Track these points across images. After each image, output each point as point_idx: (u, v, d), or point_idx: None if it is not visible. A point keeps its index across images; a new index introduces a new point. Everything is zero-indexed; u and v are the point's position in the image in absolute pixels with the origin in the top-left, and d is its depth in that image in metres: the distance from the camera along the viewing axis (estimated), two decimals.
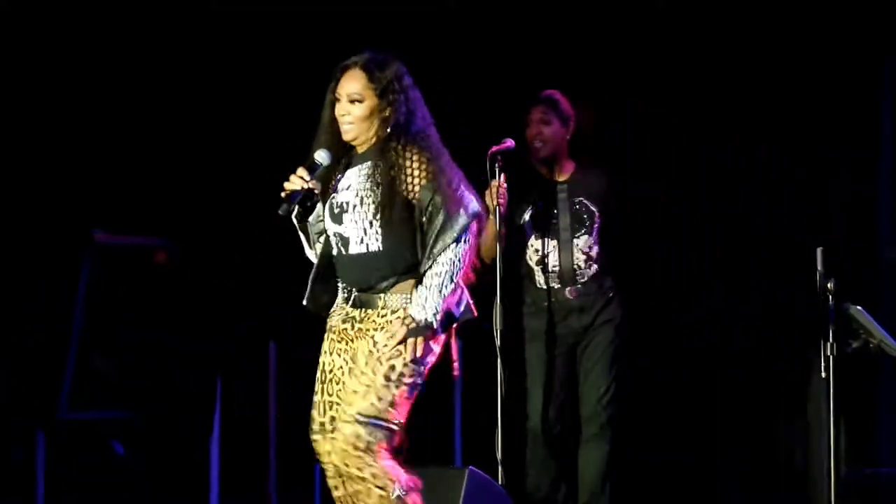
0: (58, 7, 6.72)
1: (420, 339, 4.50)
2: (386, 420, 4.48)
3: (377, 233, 4.56)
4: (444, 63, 6.56)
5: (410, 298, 4.53)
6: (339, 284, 4.69)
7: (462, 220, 4.52)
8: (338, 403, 4.58)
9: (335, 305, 4.70)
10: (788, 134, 6.81)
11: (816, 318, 5.22)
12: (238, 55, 6.97)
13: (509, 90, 6.71)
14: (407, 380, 4.51)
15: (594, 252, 5.86)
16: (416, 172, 4.54)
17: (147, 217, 6.61)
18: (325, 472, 4.61)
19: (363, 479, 4.46)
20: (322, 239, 4.72)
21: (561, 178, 5.93)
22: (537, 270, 5.88)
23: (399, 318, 4.52)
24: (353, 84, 4.60)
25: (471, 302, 4.63)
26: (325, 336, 4.71)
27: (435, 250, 4.51)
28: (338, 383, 4.62)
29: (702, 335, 6.81)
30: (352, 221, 4.59)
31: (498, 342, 5.69)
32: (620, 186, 5.97)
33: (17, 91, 6.61)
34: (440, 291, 4.50)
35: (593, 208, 5.88)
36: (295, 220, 4.70)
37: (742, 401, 6.77)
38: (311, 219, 4.69)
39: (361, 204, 4.58)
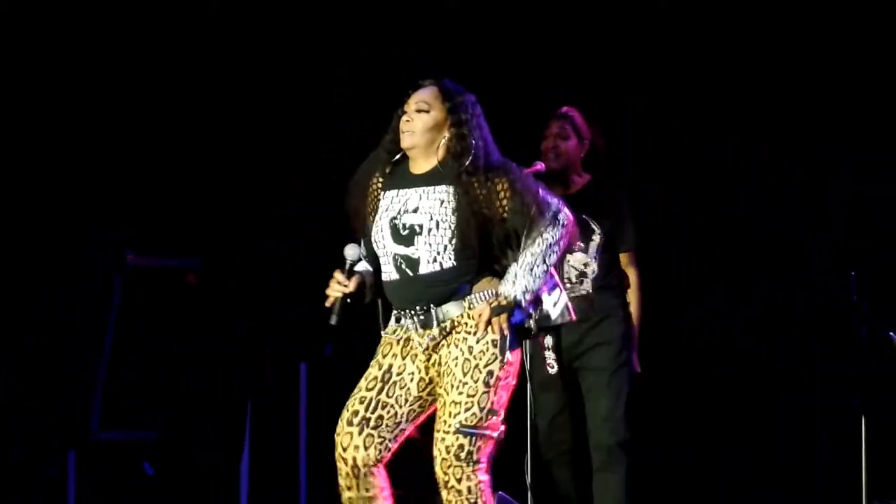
0: (62, 7, 6.72)
1: (504, 318, 4.52)
2: (487, 428, 4.50)
3: (450, 254, 4.56)
4: (444, 62, 6.55)
5: (494, 290, 4.56)
6: (401, 313, 4.65)
7: (552, 209, 4.59)
8: (393, 407, 4.59)
9: (396, 334, 4.66)
10: (788, 134, 6.80)
11: (856, 357, 5.17)
12: (237, 55, 6.96)
13: (509, 90, 6.70)
14: (503, 383, 4.54)
15: (588, 269, 5.84)
16: (502, 191, 4.56)
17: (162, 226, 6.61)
18: (339, 470, 4.59)
19: (459, 490, 4.49)
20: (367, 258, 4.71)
21: (569, 193, 5.92)
22: None
23: (483, 297, 4.54)
24: (424, 94, 4.63)
25: (570, 306, 4.67)
26: (393, 339, 4.67)
27: (530, 238, 4.55)
28: (402, 388, 4.61)
29: (702, 335, 6.79)
30: (425, 244, 4.57)
31: (527, 365, 5.67)
32: (631, 199, 5.94)
33: (18, 94, 6.61)
34: (531, 270, 4.54)
35: (594, 226, 5.86)
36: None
37: (742, 401, 6.76)
38: (358, 268, 4.68)
39: (437, 228, 4.57)
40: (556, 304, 4.63)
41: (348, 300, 4.62)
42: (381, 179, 4.69)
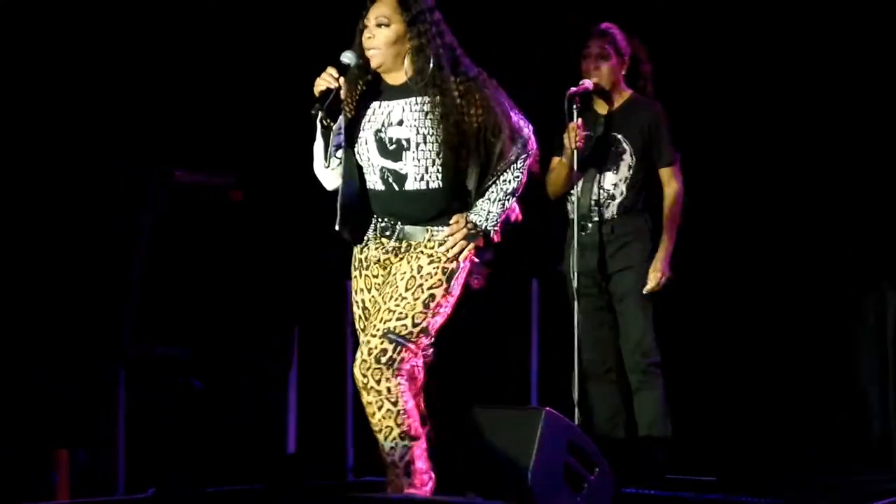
0: None
1: (471, 246, 4.59)
2: (414, 344, 4.55)
3: (438, 171, 4.58)
4: None
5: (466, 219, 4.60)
6: (377, 217, 4.68)
7: (521, 139, 4.61)
8: None
9: (367, 238, 4.72)
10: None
11: None
12: None
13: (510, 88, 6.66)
14: (442, 309, 4.58)
15: (618, 191, 5.84)
16: (475, 104, 4.55)
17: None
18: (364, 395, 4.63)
19: (378, 391, 4.51)
20: (341, 160, 4.67)
21: (606, 112, 5.92)
22: (568, 203, 5.89)
23: (457, 222, 4.58)
24: (381, 7, 4.59)
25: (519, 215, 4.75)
26: (357, 272, 4.72)
27: (499, 168, 4.57)
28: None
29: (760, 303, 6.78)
30: (413, 159, 4.58)
31: (575, 284, 5.69)
32: (668, 121, 5.91)
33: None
34: (502, 204, 4.60)
35: (625, 145, 5.86)
36: (320, 125, 4.65)
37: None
38: (334, 127, 4.64)
39: (425, 142, 4.58)
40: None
41: (336, 104, 4.59)
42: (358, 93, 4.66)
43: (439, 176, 4.57)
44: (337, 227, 4.69)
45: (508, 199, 4.61)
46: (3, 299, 5.93)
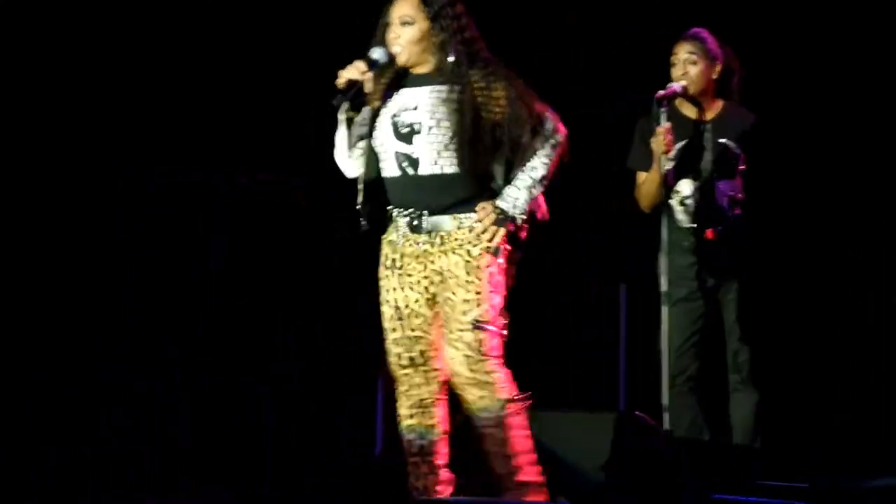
0: None
1: (503, 231, 4.59)
2: (498, 327, 4.58)
3: (453, 156, 4.59)
4: None
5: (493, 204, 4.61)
6: (397, 209, 4.68)
7: (549, 127, 4.63)
8: (422, 337, 4.65)
9: (392, 233, 4.70)
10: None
11: None
12: None
13: None
14: (501, 289, 4.61)
15: (738, 196, 5.82)
16: (500, 101, 4.59)
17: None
18: (401, 403, 4.67)
19: (488, 382, 4.53)
20: (362, 150, 4.70)
21: (706, 118, 5.88)
22: (679, 211, 5.86)
23: (483, 208, 4.58)
24: (404, 6, 4.64)
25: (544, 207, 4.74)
26: (390, 271, 4.70)
27: (526, 155, 4.60)
28: (417, 317, 4.66)
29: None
30: (425, 143, 4.60)
31: (663, 287, 5.67)
32: (766, 127, 5.89)
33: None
34: (530, 192, 4.61)
35: (737, 151, 5.83)
36: (342, 116, 4.69)
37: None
38: (357, 119, 4.68)
39: (438, 126, 4.60)
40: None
41: (360, 97, 4.62)
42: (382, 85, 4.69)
43: (454, 161, 4.59)
44: (358, 207, 4.70)
45: (536, 187, 4.62)
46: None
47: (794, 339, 6.60)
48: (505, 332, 4.61)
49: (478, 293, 4.54)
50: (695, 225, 5.78)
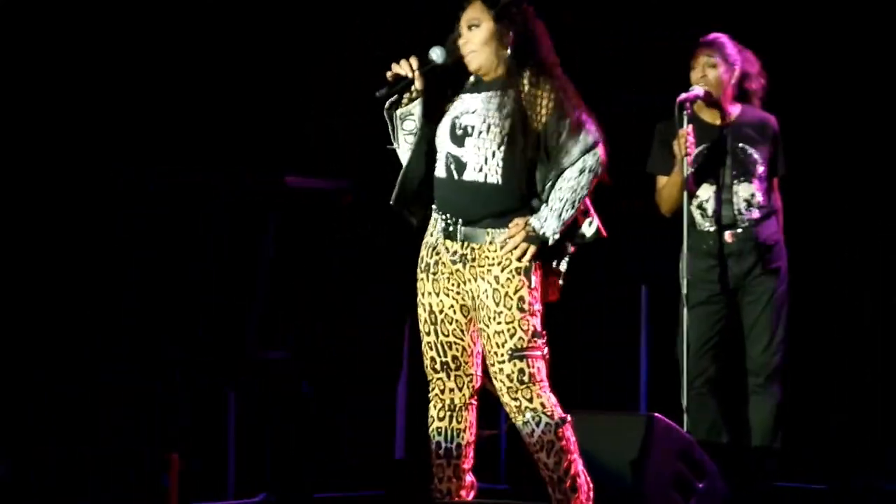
0: None
1: (532, 249, 4.54)
2: (537, 349, 4.55)
3: (498, 165, 4.57)
4: None
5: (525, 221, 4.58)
6: (437, 213, 4.67)
7: (589, 141, 4.56)
8: (456, 343, 4.65)
9: (432, 236, 4.69)
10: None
11: None
12: None
13: None
14: (536, 307, 4.57)
15: (756, 199, 5.83)
16: (545, 102, 4.57)
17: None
18: (434, 405, 4.68)
19: (534, 409, 4.52)
20: (412, 144, 4.69)
21: (724, 123, 5.90)
22: (697, 214, 5.87)
23: (516, 224, 4.55)
24: (471, 11, 4.64)
25: (600, 225, 4.67)
26: (425, 275, 4.69)
27: (560, 176, 4.56)
28: (451, 323, 4.65)
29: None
30: (474, 147, 4.58)
31: (684, 290, 5.68)
32: (782, 131, 5.90)
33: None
34: (560, 216, 4.55)
35: (756, 155, 5.84)
36: (387, 105, 4.69)
37: None
38: (398, 112, 4.68)
39: (488, 131, 4.58)
40: (590, 224, 4.65)
41: (406, 91, 4.63)
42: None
43: (498, 171, 4.56)
44: (392, 202, 4.71)
45: (568, 211, 4.55)
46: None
47: (813, 340, 6.61)
48: (546, 352, 4.57)
49: (509, 322, 4.52)
50: (714, 229, 5.81)
